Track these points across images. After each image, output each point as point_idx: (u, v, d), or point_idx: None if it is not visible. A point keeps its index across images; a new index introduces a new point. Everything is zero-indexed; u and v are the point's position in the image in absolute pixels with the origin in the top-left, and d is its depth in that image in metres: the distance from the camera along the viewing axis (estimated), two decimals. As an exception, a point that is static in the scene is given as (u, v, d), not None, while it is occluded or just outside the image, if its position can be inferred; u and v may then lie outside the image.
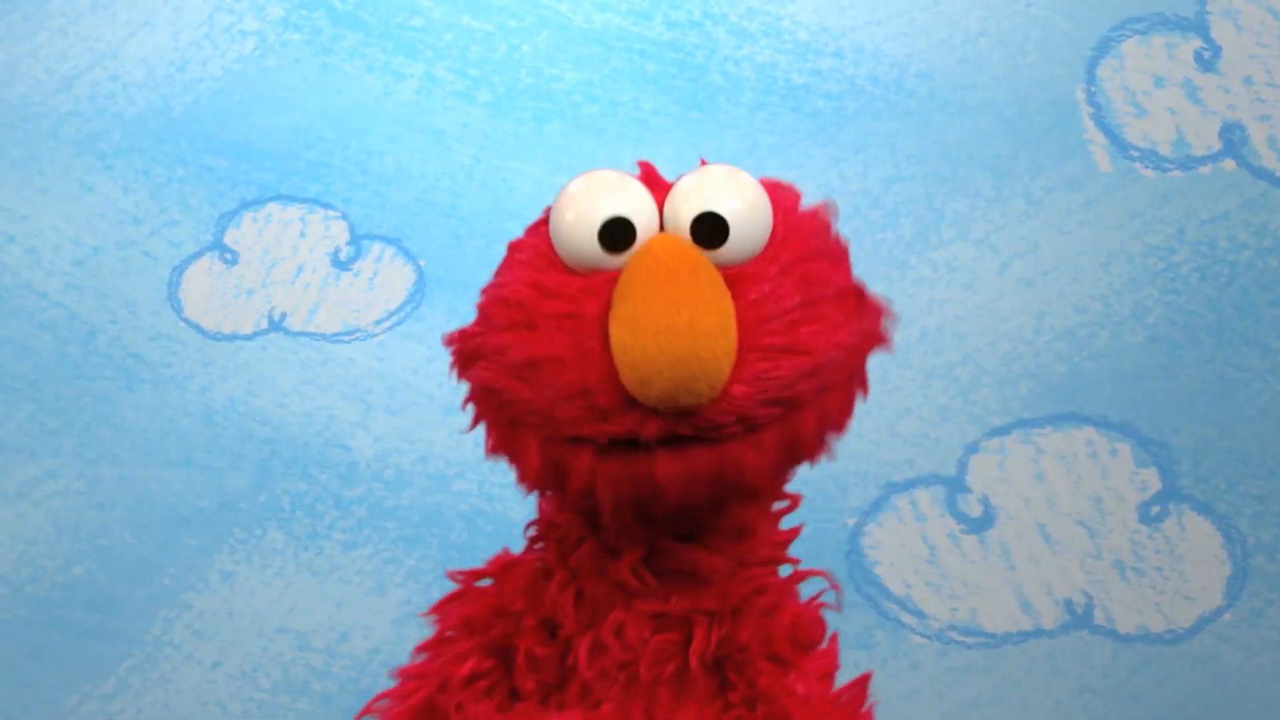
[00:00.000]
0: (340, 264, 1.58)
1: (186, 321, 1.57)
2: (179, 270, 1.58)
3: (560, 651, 0.85)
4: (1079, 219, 1.55)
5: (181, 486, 1.53)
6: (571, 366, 0.77)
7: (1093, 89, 1.56)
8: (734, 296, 0.77)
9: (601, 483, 0.79)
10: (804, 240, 0.82)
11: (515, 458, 0.82)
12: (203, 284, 1.58)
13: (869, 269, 1.54)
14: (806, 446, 0.82)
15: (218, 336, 1.57)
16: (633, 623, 0.83)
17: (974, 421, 1.51)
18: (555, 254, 0.80)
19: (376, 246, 1.58)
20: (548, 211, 0.82)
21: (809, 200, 0.85)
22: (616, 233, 0.79)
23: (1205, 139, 1.55)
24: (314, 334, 1.56)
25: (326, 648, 1.49)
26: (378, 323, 1.57)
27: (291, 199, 1.59)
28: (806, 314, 0.80)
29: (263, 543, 1.52)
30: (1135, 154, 1.55)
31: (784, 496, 0.87)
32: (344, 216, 1.59)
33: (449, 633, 0.88)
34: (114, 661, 1.49)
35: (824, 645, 0.86)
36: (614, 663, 0.83)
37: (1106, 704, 1.45)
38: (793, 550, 0.88)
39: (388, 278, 1.57)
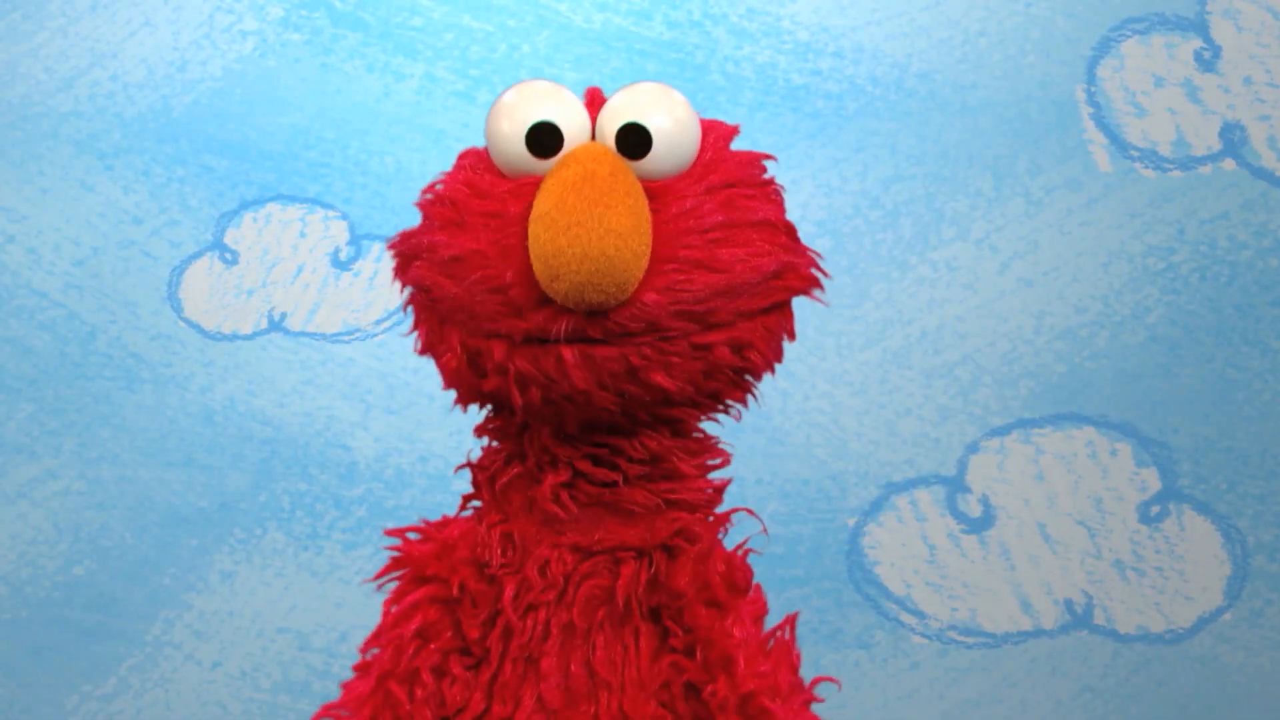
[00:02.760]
0: (340, 264, 1.58)
1: (186, 321, 1.57)
2: (179, 270, 1.58)
3: (495, 592, 0.86)
4: (1079, 219, 1.55)
5: (181, 486, 1.53)
6: (493, 262, 0.81)
7: (1093, 89, 1.56)
8: (655, 209, 0.80)
9: (513, 372, 0.81)
10: (733, 168, 0.84)
11: (439, 354, 0.85)
12: (203, 284, 1.58)
13: (869, 269, 1.54)
14: (720, 376, 0.83)
15: (218, 336, 1.57)
16: (556, 558, 0.85)
17: (974, 421, 1.51)
18: (492, 161, 0.84)
19: (376, 246, 1.58)
20: None
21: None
22: (545, 139, 0.82)
23: (1205, 139, 1.55)
24: (314, 334, 1.57)
25: (326, 648, 1.49)
26: (378, 323, 1.57)
27: (291, 199, 1.59)
28: (727, 235, 0.82)
29: (263, 543, 1.52)
30: (1135, 154, 1.55)
31: (712, 449, 0.88)
32: (344, 216, 1.59)
33: (397, 583, 0.88)
34: (114, 661, 1.49)
35: (751, 592, 0.87)
36: (539, 601, 0.85)
37: (1106, 704, 1.46)
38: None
39: (388, 278, 1.57)
